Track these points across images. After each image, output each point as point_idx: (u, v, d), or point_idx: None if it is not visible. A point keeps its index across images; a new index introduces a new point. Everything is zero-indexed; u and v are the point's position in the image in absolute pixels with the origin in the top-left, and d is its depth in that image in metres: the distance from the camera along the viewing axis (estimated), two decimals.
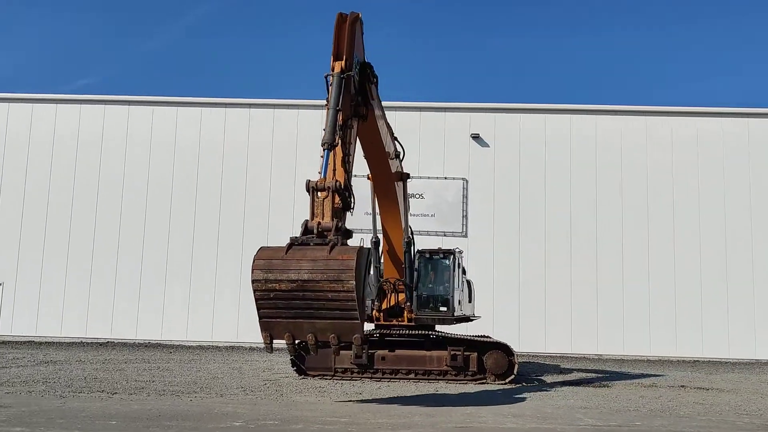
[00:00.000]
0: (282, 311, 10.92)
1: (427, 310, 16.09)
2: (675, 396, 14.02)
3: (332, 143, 11.60)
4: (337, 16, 12.61)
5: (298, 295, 10.65)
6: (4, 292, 26.56)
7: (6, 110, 27.67)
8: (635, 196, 26.54)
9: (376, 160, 15.12)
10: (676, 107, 27.58)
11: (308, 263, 10.64)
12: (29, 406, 10.72)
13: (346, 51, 12.32)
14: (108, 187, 26.95)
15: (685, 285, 25.92)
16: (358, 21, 12.84)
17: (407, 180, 16.57)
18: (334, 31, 12.55)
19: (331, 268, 10.50)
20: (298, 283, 10.58)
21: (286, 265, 10.76)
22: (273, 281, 10.76)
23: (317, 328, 10.78)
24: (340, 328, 10.71)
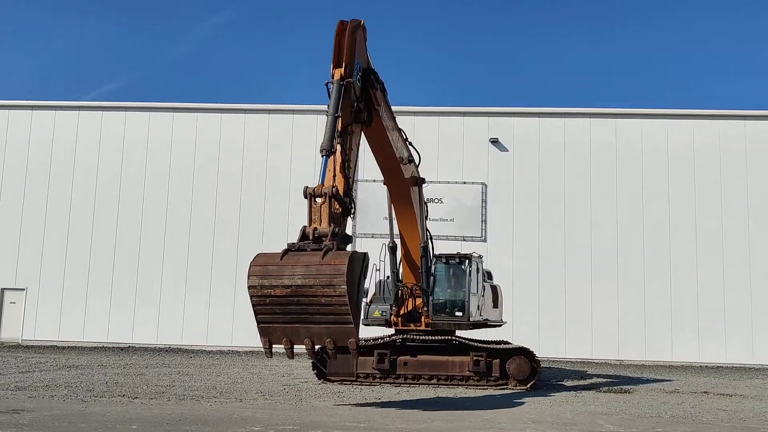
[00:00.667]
0: (279, 316, 11.03)
1: (444, 315, 15.99)
2: (698, 402, 13.85)
3: (330, 149, 11.73)
4: (338, 24, 12.74)
5: (293, 301, 10.77)
6: (28, 297, 26.86)
7: (29, 117, 28.03)
8: (656, 201, 26.28)
9: (387, 165, 15.20)
10: (697, 110, 27.30)
11: (302, 269, 10.75)
12: (51, 410, 10.82)
13: (346, 58, 12.45)
14: (129, 194, 27.17)
15: (707, 290, 25.61)
16: (360, 28, 12.98)
17: (423, 185, 16.47)
18: (335, 38, 12.68)
19: (324, 273, 10.61)
20: (292, 289, 10.71)
21: (281, 271, 10.87)
22: (268, 287, 10.89)
23: (313, 333, 10.90)
24: (335, 333, 10.79)
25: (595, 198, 26.42)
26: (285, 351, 11.23)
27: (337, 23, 12.75)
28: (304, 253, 10.99)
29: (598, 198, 26.40)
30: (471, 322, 15.91)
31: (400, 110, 26.93)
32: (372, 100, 13.49)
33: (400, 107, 27.33)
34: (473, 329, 16.52)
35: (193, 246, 26.62)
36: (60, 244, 27.02)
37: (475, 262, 16.46)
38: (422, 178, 16.38)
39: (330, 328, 10.80)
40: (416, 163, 16.06)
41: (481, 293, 16.48)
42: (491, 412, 11.71)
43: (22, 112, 28.12)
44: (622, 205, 26.33)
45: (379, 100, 13.73)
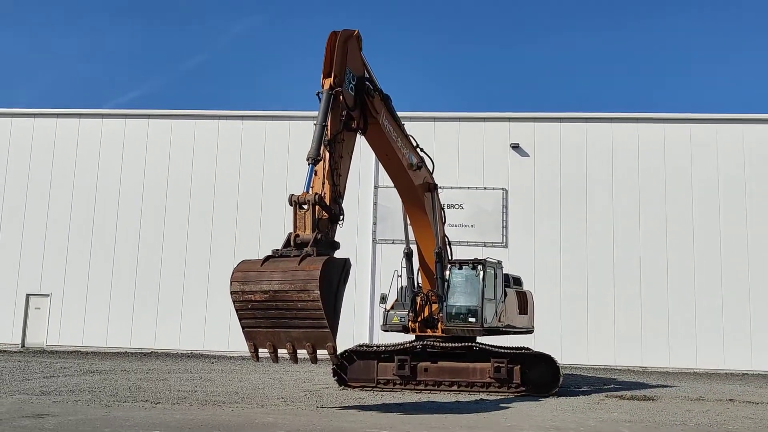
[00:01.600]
0: (260, 321, 11.41)
1: (458, 321, 15.86)
2: (723, 410, 13.66)
3: (315, 158, 11.99)
4: (330, 35, 13.00)
5: (272, 306, 11.09)
6: (52, 303, 27.17)
7: (54, 125, 28.39)
8: (679, 206, 26.02)
9: (394, 171, 15.38)
10: (721, 114, 27.00)
11: (279, 274, 11.07)
12: (75, 414, 10.93)
13: (335, 68, 12.70)
14: (151, 200, 27.40)
15: (732, 296, 25.28)
16: (352, 38, 13.26)
17: (436, 191, 16.37)
18: (326, 49, 12.94)
19: (298, 279, 10.87)
20: (270, 294, 11.03)
21: (260, 276, 11.21)
22: (249, 292, 11.26)
23: (293, 338, 11.23)
24: (313, 337, 11.10)
25: (617, 203, 26.21)
26: (269, 355, 11.55)
27: (330, 34, 13.02)
28: (284, 260, 11.30)
29: (620, 203, 26.20)
30: (485, 329, 15.63)
31: (419, 116, 27.25)
32: (368, 107, 13.65)
33: (419, 113, 27.55)
34: (493, 335, 16.40)
35: (214, 252, 26.77)
36: (84, 251, 27.31)
37: (492, 267, 16.32)
38: (435, 184, 16.34)
39: (308, 332, 11.10)
40: (429, 169, 16.15)
41: (501, 299, 16.34)
42: (513, 419, 11.63)
43: (47, 120, 28.49)
44: (645, 210, 26.10)
45: (377, 107, 13.88)
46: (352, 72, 13.11)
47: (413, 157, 15.42)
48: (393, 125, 14.67)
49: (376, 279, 25.82)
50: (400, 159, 14.91)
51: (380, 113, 14.05)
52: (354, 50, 13.38)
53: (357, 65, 13.48)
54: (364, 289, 26.08)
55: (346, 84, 12.89)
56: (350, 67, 13.06)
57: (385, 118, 14.24)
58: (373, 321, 25.56)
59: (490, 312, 15.90)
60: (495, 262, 16.61)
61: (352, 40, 13.35)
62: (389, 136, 14.47)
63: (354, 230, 26.42)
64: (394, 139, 14.64)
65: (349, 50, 13.12)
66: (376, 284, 25.59)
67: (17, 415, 10.76)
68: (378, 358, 15.65)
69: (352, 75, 13.10)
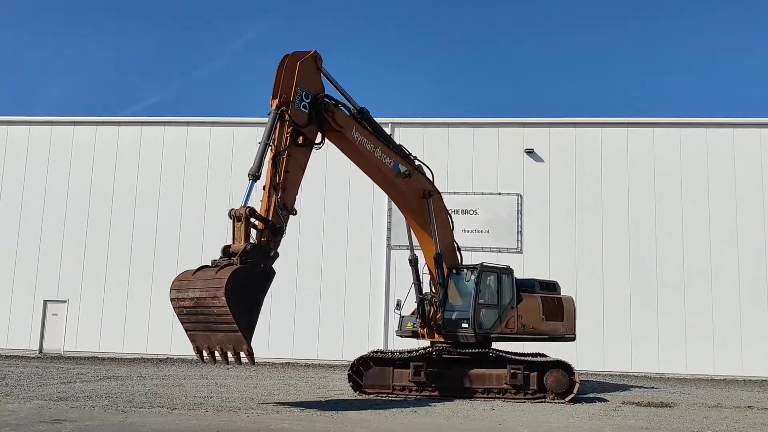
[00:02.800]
0: (194, 325, 12.54)
1: (454, 326, 15.68)
2: (741, 417, 13.53)
3: (255, 174, 13.03)
4: (282, 59, 14.02)
5: (198, 311, 12.18)
6: (69, 309, 27.38)
7: (71, 132, 28.67)
8: (696, 210, 25.83)
9: (376, 180, 15.84)
10: (737, 119, 26.80)
11: (200, 282, 12.15)
12: (92, 420, 11.00)
13: (281, 89, 13.73)
14: (167, 207, 27.55)
15: (751, 300, 25.04)
16: (307, 60, 14.18)
17: (432, 197, 16.20)
18: (276, 72, 13.94)
19: (212, 286, 11.85)
20: (195, 300, 12.13)
21: (189, 284, 12.33)
22: (182, 299, 12.39)
23: (219, 340, 12.20)
24: (232, 340, 12.03)
25: (633, 208, 26.06)
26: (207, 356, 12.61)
27: (282, 58, 14.04)
28: (211, 269, 12.31)
29: (636, 208, 26.04)
30: (479, 334, 15.36)
31: (433, 122, 27.29)
32: (328, 123, 14.35)
33: (433, 119, 27.58)
34: (504, 342, 16.23)
35: None
36: (101, 257, 27.51)
37: (493, 272, 16.13)
38: (429, 191, 16.18)
39: (228, 335, 12.04)
40: (427, 176, 16.30)
41: (510, 304, 15.99)
42: (529, 426, 11.58)
43: (64, 128, 28.76)
44: (661, 215, 25.92)
45: (339, 121, 14.49)
46: (305, 91, 13.99)
47: (400, 165, 15.61)
48: (368, 137, 15.12)
49: (391, 285, 25.85)
50: (380, 169, 15.34)
51: (346, 126, 14.66)
52: (309, 70, 14.21)
53: (312, 84, 14.25)
54: (379, 294, 26.09)
55: (297, 103, 13.82)
56: (303, 86, 13.97)
57: (355, 131, 14.84)
58: (387, 327, 25.56)
59: (489, 318, 15.68)
60: (499, 267, 16.42)
61: (306, 61, 14.19)
62: (362, 148, 14.99)
63: (368, 236, 26.49)
64: (369, 150, 15.09)
65: (300, 71, 13.98)
66: (391, 290, 25.64)
67: (35, 420, 10.85)
68: (393, 364, 15.63)
69: (304, 94, 13.98)
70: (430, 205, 16.09)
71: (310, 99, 14.09)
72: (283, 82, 13.85)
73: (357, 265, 26.43)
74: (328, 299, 26.27)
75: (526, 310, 16.32)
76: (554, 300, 17.09)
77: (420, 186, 16.06)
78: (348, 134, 14.72)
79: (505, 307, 15.97)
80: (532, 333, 16.43)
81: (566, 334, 17.26)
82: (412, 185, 15.86)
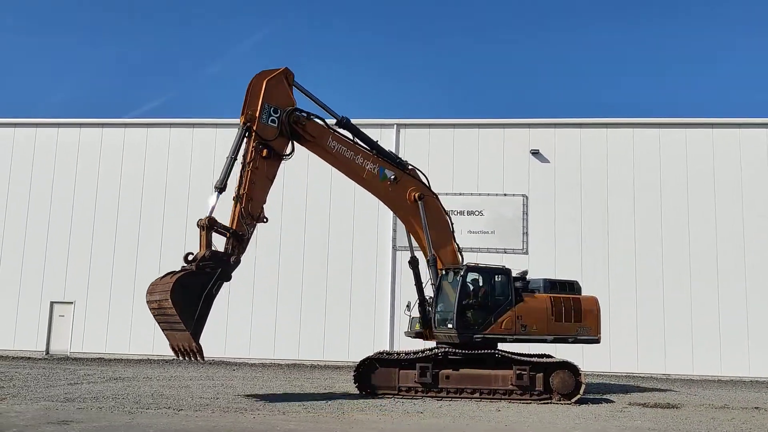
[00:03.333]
0: (164, 325, 14.03)
1: (442, 327, 15.84)
2: (749, 418, 13.49)
3: (218, 186, 14.58)
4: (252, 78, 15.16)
5: (161, 312, 13.69)
6: (76, 310, 27.45)
7: (77, 134, 28.74)
8: (701, 210, 25.74)
9: (365, 186, 16.40)
10: (743, 119, 26.72)
11: (160, 287, 13.80)
12: (99, 421, 11.03)
13: (247, 106, 14.98)
14: (173, 208, 27.59)
15: (758, 301, 24.94)
16: (276, 76, 15.23)
17: (423, 200, 16.42)
18: (246, 90, 15.13)
19: (164, 290, 13.42)
20: (158, 303, 13.66)
21: (154, 288, 14.04)
22: (150, 302, 14.03)
23: (181, 338, 13.64)
24: (186, 339, 13.46)
25: (638, 209, 25.99)
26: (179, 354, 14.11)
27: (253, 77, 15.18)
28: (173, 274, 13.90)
29: (642, 209, 25.97)
30: (462, 334, 15.37)
31: (439, 122, 27.26)
32: (300, 134, 15.41)
33: (439, 120, 27.57)
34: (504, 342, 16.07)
35: None
36: (107, 258, 27.57)
37: (487, 273, 16.09)
38: (421, 195, 16.42)
39: (183, 334, 13.46)
40: (420, 179, 16.68)
41: (507, 306, 15.78)
42: (535, 427, 11.57)
43: (70, 130, 28.83)
44: (667, 215, 25.85)
45: (312, 132, 15.48)
46: (273, 106, 15.06)
47: (386, 171, 16.11)
48: (346, 145, 15.88)
49: (396, 286, 25.83)
50: (362, 175, 16.01)
51: (319, 136, 15.59)
52: (277, 86, 15.24)
53: (282, 99, 15.27)
54: (384, 296, 26.10)
55: (264, 118, 14.96)
56: (271, 102, 15.05)
57: (331, 140, 15.71)
58: (393, 327, 25.55)
59: (477, 318, 15.64)
60: (491, 268, 16.33)
61: (273, 78, 15.22)
62: (340, 156, 15.80)
63: (374, 237, 26.49)
64: (348, 157, 15.86)
65: (268, 88, 15.05)
66: (396, 291, 25.61)
67: (42, 421, 10.89)
68: (399, 365, 15.64)
69: (273, 109, 15.07)
70: (421, 208, 16.33)
71: (279, 113, 15.13)
72: (249, 99, 15.01)
73: (362, 267, 26.44)
74: (333, 300, 26.28)
75: (528, 311, 16.04)
76: (570, 300, 16.59)
77: (410, 190, 16.40)
78: (323, 144, 15.62)
79: (499, 307, 15.83)
80: (537, 334, 16.10)
81: (584, 335, 16.60)
82: (401, 189, 16.34)
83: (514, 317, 15.86)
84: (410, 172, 16.60)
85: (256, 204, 14.92)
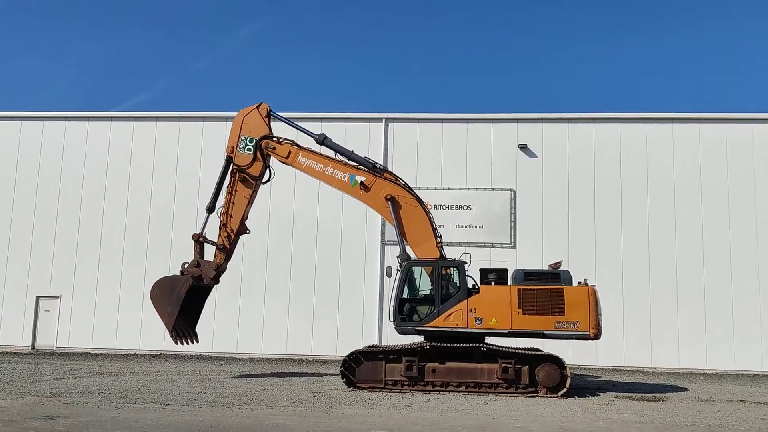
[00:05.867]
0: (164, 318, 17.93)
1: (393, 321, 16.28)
2: (734, 411, 13.60)
3: (208, 208, 18.46)
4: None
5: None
6: (62, 305, 27.26)
7: (63, 128, 28.50)
8: (688, 204, 25.89)
9: (341, 191, 18.17)
10: (730, 113, 26.85)
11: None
12: (86, 416, 10.97)
13: (229, 140, 18.39)
14: (160, 202, 27.43)
15: (743, 296, 25.13)
16: (253, 112, 18.29)
17: (393, 201, 17.09)
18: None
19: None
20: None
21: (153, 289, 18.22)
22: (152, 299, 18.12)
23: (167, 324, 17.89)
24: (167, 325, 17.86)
25: (626, 203, 26.11)
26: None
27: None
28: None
29: (629, 203, 26.09)
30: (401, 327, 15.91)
31: (427, 117, 27.24)
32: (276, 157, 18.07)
33: (427, 114, 27.54)
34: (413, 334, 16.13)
35: None
36: (93, 253, 27.40)
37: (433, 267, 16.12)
38: (394, 195, 17.11)
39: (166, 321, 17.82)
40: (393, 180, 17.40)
41: (458, 298, 15.71)
42: (522, 420, 11.61)
43: (56, 123, 28.58)
44: (654, 210, 25.98)
45: (281, 154, 17.96)
46: (248, 137, 18.10)
47: (357, 177, 17.48)
48: (316, 159, 17.90)
49: (385, 280, 25.83)
50: (334, 183, 17.80)
51: (290, 156, 17.92)
52: (253, 120, 18.27)
53: (257, 130, 18.19)
54: (373, 290, 26.10)
55: (242, 148, 18.10)
56: (247, 134, 18.14)
57: (301, 157, 17.93)
58: (382, 322, 25.57)
59: (420, 312, 15.91)
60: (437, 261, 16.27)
61: (250, 114, 18.33)
62: (311, 170, 17.88)
63: (362, 232, 26.47)
64: (319, 170, 17.83)
65: (245, 122, 18.27)
66: (385, 286, 25.61)
67: (28, 416, 10.82)
68: (386, 359, 15.68)
69: (249, 139, 18.10)
70: (391, 208, 17.06)
71: (254, 142, 18.03)
72: (231, 134, 18.35)
73: (351, 261, 26.42)
74: (322, 294, 26.25)
75: (485, 303, 15.70)
76: (547, 292, 15.73)
77: (383, 192, 17.26)
78: (295, 161, 17.93)
79: (445, 300, 15.84)
80: (498, 328, 15.61)
81: (568, 330, 15.61)
82: (375, 192, 17.36)
83: (466, 310, 15.74)
84: (385, 175, 17.39)
85: (235, 220, 18.13)
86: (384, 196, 17.20)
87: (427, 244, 16.80)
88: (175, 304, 17.50)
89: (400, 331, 16.15)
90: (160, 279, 17.88)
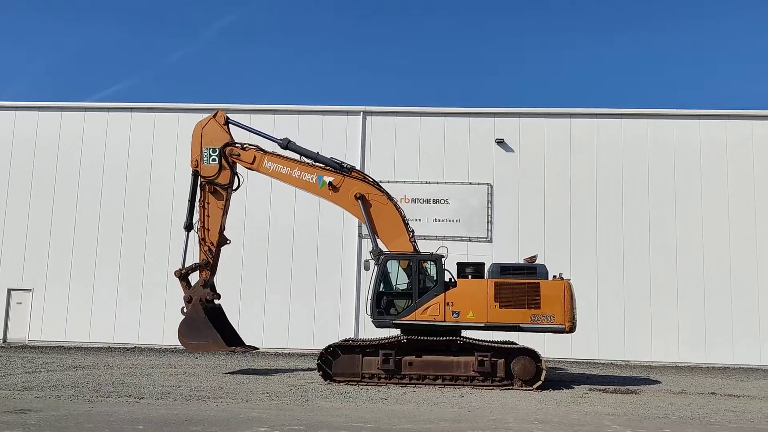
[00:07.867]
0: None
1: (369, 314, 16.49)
2: (705, 403, 13.80)
3: (185, 227, 18.06)
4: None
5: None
6: (34, 298, 26.92)
7: (36, 118, 28.09)
8: (662, 200, 26.20)
9: (311, 193, 17.96)
10: (706, 110, 27.14)
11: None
12: (58, 410, 10.85)
13: (192, 154, 18.09)
14: (134, 194, 27.17)
15: (714, 290, 25.51)
16: (211, 122, 18.13)
17: (361, 199, 17.08)
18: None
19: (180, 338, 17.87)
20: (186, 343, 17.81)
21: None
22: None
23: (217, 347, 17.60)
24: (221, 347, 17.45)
25: (601, 198, 26.34)
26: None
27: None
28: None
29: (605, 198, 26.32)
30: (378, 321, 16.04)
31: (406, 110, 27.24)
32: (241, 164, 17.94)
33: (406, 108, 27.51)
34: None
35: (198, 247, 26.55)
36: (66, 245, 27.08)
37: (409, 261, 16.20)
38: (361, 194, 17.11)
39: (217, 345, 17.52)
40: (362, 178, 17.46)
41: (435, 291, 15.78)
42: (498, 413, 11.68)
43: (29, 113, 28.16)
44: (628, 205, 26.24)
45: (246, 160, 17.82)
46: (211, 147, 17.92)
47: (324, 177, 17.44)
48: (282, 162, 17.76)
49: (362, 274, 25.82)
50: (302, 185, 17.77)
51: (255, 162, 17.78)
52: (212, 130, 18.08)
53: (218, 139, 18.00)
54: (350, 283, 26.09)
55: (206, 159, 17.92)
56: (209, 145, 17.93)
57: (267, 161, 17.78)
58: (358, 315, 25.58)
59: (397, 305, 16.01)
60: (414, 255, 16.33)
61: (208, 124, 18.16)
62: (278, 174, 17.76)
63: (339, 225, 26.42)
64: (285, 173, 17.70)
65: (204, 133, 18.06)
66: (362, 280, 25.61)
67: None
68: (363, 352, 15.69)
69: (212, 149, 17.92)
70: (361, 206, 17.11)
71: (217, 152, 17.84)
72: (192, 147, 18.09)
73: (328, 254, 26.37)
74: (298, 288, 26.19)
75: (461, 297, 15.80)
76: (523, 285, 15.83)
77: (352, 191, 17.23)
78: (261, 166, 17.77)
79: (422, 294, 15.91)
80: (475, 321, 15.74)
81: (544, 323, 15.70)
82: (344, 191, 17.33)
83: (443, 303, 15.80)
84: (353, 174, 17.40)
85: (212, 233, 17.97)
86: (353, 195, 17.13)
87: (399, 240, 16.80)
88: (209, 329, 17.10)
89: (378, 324, 16.16)
90: (179, 328, 17.33)
